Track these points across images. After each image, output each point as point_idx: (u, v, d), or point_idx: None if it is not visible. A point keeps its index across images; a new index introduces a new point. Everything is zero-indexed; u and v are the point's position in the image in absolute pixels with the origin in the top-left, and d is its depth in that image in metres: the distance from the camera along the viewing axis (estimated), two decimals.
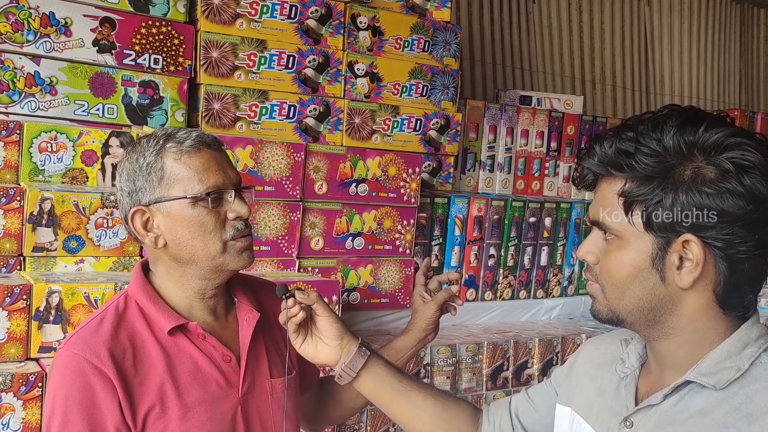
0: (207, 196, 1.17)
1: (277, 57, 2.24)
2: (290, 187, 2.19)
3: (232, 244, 1.21)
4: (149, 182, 1.18)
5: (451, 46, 2.62)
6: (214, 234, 1.19)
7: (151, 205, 1.19)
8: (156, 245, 1.20)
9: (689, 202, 0.90)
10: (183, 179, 1.17)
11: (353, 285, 2.34)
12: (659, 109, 0.97)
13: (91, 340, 1.13)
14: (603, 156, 0.96)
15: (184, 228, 1.18)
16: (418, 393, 1.27)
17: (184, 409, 1.16)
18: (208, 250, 1.19)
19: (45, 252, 1.81)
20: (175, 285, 1.23)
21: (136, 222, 1.20)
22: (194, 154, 1.19)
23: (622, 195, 0.94)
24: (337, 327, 1.26)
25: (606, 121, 3.15)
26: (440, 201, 2.58)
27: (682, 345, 0.97)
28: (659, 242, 0.93)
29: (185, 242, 1.19)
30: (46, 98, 1.93)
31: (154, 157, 1.18)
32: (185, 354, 1.20)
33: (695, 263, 0.92)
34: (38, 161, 1.88)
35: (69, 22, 1.95)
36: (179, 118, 2.10)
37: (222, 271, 1.22)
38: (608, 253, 0.98)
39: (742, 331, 0.95)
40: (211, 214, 1.18)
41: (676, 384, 0.96)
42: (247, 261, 1.23)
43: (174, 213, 1.18)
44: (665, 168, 0.91)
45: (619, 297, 0.98)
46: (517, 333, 2.59)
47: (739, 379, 0.92)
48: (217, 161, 1.21)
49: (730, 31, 4.83)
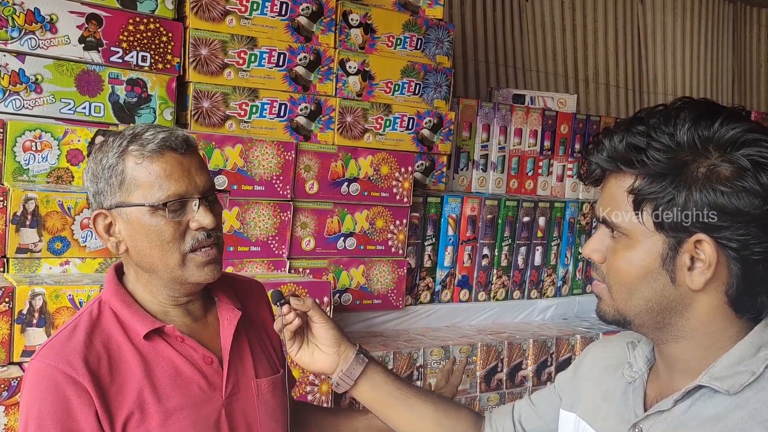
0: (164, 207, 1.11)
1: (267, 54, 2.20)
2: (281, 186, 2.15)
3: (192, 257, 1.15)
4: (110, 185, 1.13)
5: (444, 44, 2.59)
6: (172, 245, 1.13)
7: (113, 210, 1.14)
8: (118, 250, 1.16)
9: (703, 200, 0.86)
10: (143, 185, 1.11)
11: (345, 286, 2.31)
12: (672, 102, 0.93)
13: (64, 349, 1.10)
14: (612, 151, 0.92)
15: (142, 236, 1.13)
16: (418, 400, 1.24)
17: (165, 415, 1.13)
18: (166, 261, 1.14)
19: (29, 253, 1.77)
20: (145, 289, 1.19)
21: (99, 225, 1.16)
22: (156, 159, 1.12)
23: (631, 192, 0.90)
24: (334, 334, 1.23)
25: (600, 120, 3.13)
26: (433, 200, 2.55)
27: (693, 348, 0.94)
28: (670, 242, 0.89)
29: (144, 251, 1.14)
30: (31, 96, 1.89)
31: (115, 159, 1.13)
32: (164, 358, 1.16)
33: (707, 264, 0.88)
34: (22, 160, 1.84)
35: (54, 18, 1.91)
36: (168, 116, 2.07)
37: (183, 283, 1.17)
38: (616, 251, 0.95)
39: (755, 334, 0.92)
40: (170, 224, 1.12)
41: (687, 389, 0.92)
42: (209, 275, 1.17)
43: (133, 220, 1.13)
44: (678, 164, 0.88)
45: (626, 298, 0.94)
46: (511, 334, 2.57)
47: (754, 384, 0.89)
48: (182, 167, 1.13)
49: (723, 29, 4.82)
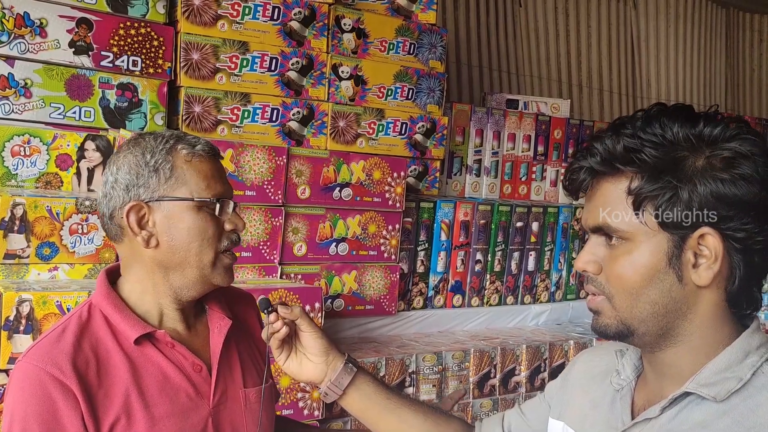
0: (216, 202, 1.17)
1: (259, 59, 2.19)
2: (272, 191, 2.14)
3: (222, 257, 1.20)
4: (154, 179, 1.16)
5: (437, 49, 2.59)
6: (211, 242, 1.18)
7: (152, 202, 1.16)
8: (148, 245, 1.16)
9: (706, 191, 0.86)
10: (191, 182, 1.16)
11: (337, 291, 2.30)
12: (649, 107, 0.93)
13: (53, 351, 1.09)
14: (607, 152, 0.91)
15: (183, 231, 1.16)
16: (407, 410, 1.23)
17: (151, 422, 1.12)
18: (201, 257, 1.17)
19: (17, 259, 1.75)
20: (149, 291, 1.19)
21: (131, 217, 1.16)
22: (205, 160, 1.19)
23: (630, 193, 0.89)
24: (322, 343, 1.22)
25: (593, 125, 3.13)
26: (426, 205, 2.54)
27: (687, 352, 0.93)
28: (675, 239, 0.89)
29: (181, 246, 1.16)
30: (20, 101, 1.88)
31: (164, 154, 1.16)
32: (153, 364, 1.15)
33: (714, 257, 0.88)
34: (10, 165, 1.82)
35: (44, 22, 1.89)
36: (159, 121, 2.05)
37: (205, 283, 1.20)
38: (615, 258, 0.93)
39: (742, 339, 0.91)
40: (213, 222, 1.18)
41: (674, 396, 0.91)
42: (230, 279, 1.23)
43: (175, 214, 1.16)
44: (676, 159, 0.88)
45: (632, 305, 0.92)
46: (504, 339, 2.56)
47: (741, 391, 0.88)
48: (220, 172, 1.21)
49: (715, 35, 4.84)
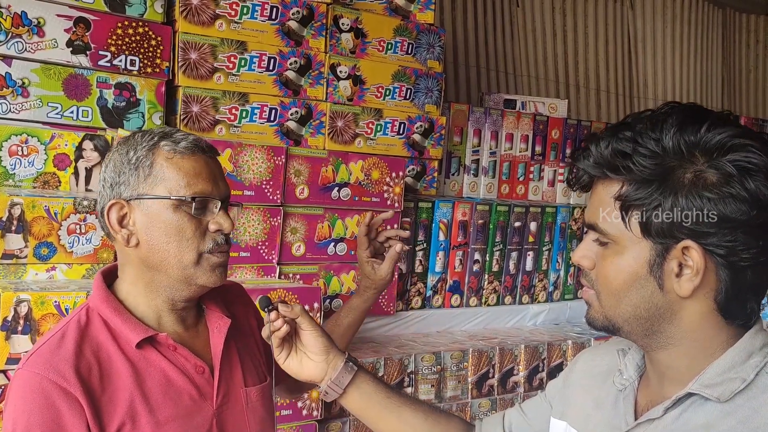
0: (192, 201, 1.13)
1: (257, 59, 2.19)
2: (270, 191, 2.14)
3: (208, 257, 1.16)
4: (135, 176, 1.14)
5: (435, 49, 2.58)
6: (191, 242, 1.14)
7: (132, 200, 1.14)
8: (127, 243, 1.15)
9: (689, 207, 0.85)
10: (170, 180, 1.13)
11: (336, 291, 2.29)
12: (659, 107, 0.93)
13: (54, 357, 1.07)
14: (599, 157, 0.91)
15: (160, 230, 1.13)
16: (407, 409, 1.22)
17: (156, 426, 1.11)
18: (181, 257, 1.14)
19: (14, 259, 1.75)
20: (143, 292, 1.18)
21: (112, 215, 1.15)
22: (188, 157, 1.15)
23: (618, 198, 0.90)
24: (323, 341, 1.22)
25: (590, 125, 3.13)
26: (424, 205, 2.54)
27: (683, 355, 0.93)
28: (657, 248, 0.89)
29: (158, 245, 1.13)
30: (17, 100, 1.87)
31: (145, 152, 1.14)
32: (155, 368, 1.14)
33: (695, 271, 0.88)
34: (8, 165, 1.82)
35: (42, 22, 1.89)
36: (156, 120, 2.05)
37: (190, 284, 1.17)
38: (604, 258, 0.94)
39: (745, 340, 0.91)
40: (192, 222, 1.14)
41: (677, 396, 0.91)
42: (218, 279, 1.18)
43: (153, 213, 1.13)
44: (664, 170, 0.87)
45: (615, 304, 0.94)
46: (502, 339, 2.56)
47: (744, 391, 0.88)
48: (209, 169, 1.17)
49: (712, 35, 4.85)
